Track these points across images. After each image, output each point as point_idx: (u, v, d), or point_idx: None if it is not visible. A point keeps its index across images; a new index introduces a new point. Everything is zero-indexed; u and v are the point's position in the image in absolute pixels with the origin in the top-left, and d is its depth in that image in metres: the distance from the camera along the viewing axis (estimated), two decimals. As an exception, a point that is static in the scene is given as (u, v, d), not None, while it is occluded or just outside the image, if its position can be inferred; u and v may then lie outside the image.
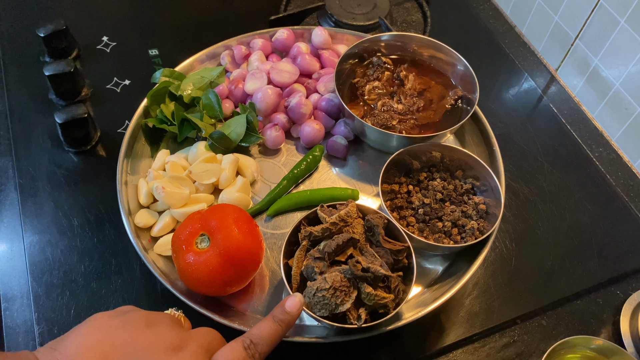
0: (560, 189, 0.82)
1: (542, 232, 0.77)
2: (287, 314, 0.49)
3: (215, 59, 0.89)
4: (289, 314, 0.49)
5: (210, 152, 0.75)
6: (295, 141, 0.82)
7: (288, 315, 0.49)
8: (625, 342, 0.68)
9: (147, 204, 0.72)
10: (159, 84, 0.80)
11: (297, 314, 0.50)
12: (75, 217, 0.75)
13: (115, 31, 0.97)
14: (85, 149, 0.82)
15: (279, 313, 0.49)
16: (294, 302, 0.50)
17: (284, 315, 0.49)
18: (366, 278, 0.58)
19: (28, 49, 0.93)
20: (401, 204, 0.72)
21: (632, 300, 0.71)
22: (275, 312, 0.50)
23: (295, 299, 0.50)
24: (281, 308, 0.50)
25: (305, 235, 0.63)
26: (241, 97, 0.83)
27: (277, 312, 0.49)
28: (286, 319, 0.49)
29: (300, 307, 0.51)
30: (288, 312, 0.49)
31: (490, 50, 1.00)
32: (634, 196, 0.82)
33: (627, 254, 0.76)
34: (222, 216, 0.61)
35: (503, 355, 0.67)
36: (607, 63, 0.86)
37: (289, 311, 0.49)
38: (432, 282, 0.69)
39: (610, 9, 0.83)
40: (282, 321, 0.49)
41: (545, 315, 0.70)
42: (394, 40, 0.84)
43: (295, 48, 0.87)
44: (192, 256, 0.59)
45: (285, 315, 0.49)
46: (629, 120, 0.85)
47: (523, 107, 0.92)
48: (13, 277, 0.70)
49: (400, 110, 0.79)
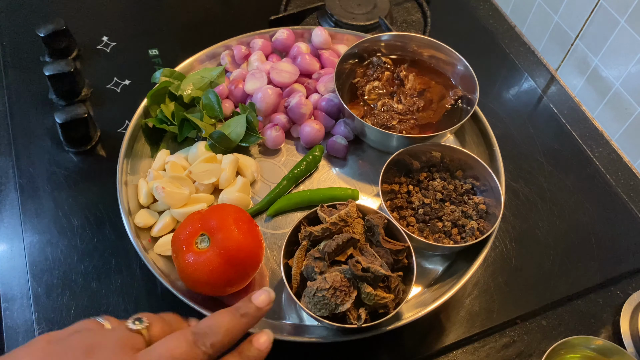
0: (560, 189, 0.82)
1: (542, 232, 0.77)
2: (250, 307, 0.44)
3: (215, 59, 0.89)
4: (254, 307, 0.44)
5: (210, 152, 0.75)
6: (295, 141, 0.82)
7: (252, 308, 0.44)
8: (625, 342, 0.68)
9: (147, 204, 0.72)
10: (159, 84, 0.80)
11: (262, 307, 0.44)
12: (75, 217, 0.75)
13: (115, 31, 0.97)
14: (85, 149, 0.82)
15: (243, 304, 0.44)
16: (263, 296, 0.45)
17: (247, 308, 0.44)
18: (366, 278, 0.58)
19: (28, 49, 0.93)
20: (401, 204, 0.72)
21: (632, 300, 0.71)
22: (238, 303, 0.45)
23: (264, 294, 0.45)
24: (246, 299, 0.45)
25: (305, 235, 0.63)
26: (241, 97, 0.83)
27: (240, 303, 0.44)
28: (250, 312, 0.44)
29: (269, 302, 0.45)
30: (252, 304, 0.44)
31: (490, 50, 1.00)
32: (634, 196, 0.82)
33: (627, 254, 0.76)
34: (222, 216, 0.61)
35: (503, 355, 0.67)
36: (607, 63, 0.86)
37: (254, 304, 0.44)
38: (432, 282, 0.69)
39: (610, 9, 0.83)
40: (245, 314, 0.43)
41: (545, 315, 0.70)
42: (394, 40, 0.84)
43: (295, 48, 0.87)
44: (192, 256, 0.59)
45: (248, 307, 0.44)
46: (629, 120, 0.85)
47: (523, 107, 0.92)
48: (13, 277, 0.70)
49: (400, 110, 0.79)
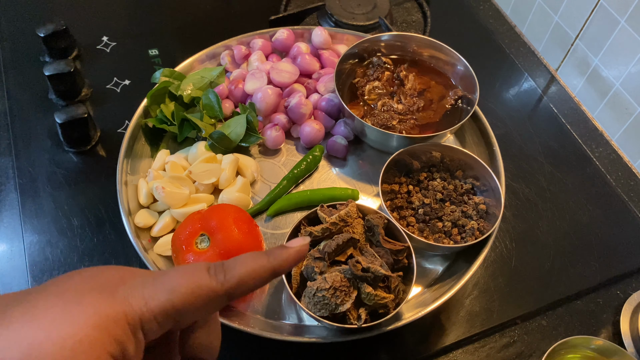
0: (560, 189, 0.82)
1: (542, 232, 0.77)
2: (283, 251, 0.37)
3: (215, 59, 0.89)
4: (286, 251, 0.37)
5: (210, 152, 0.75)
6: (295, 141, 0.82)
7: (284, 252, 0.37)
8: (625, 342, 0.68)
9: (147, 204, 0.72)
10: (159, 84, 0.80)
11: (292, 248, 0.37)
12: (75, 217, 0.75)
13: (115, 31, 0.97)
14: (85, 149, 0.82)
15: (275, 248, 0.37)
16: (297, 241, 0.38)
17: (276, 249, 0.37)
18: (366, 278, 0.58)
19: (28, 49, 0.93)
20: (401, 204, 0.72)
21: (632, 300, 0.71)
22: (271, 248, 0.37)
23: (300, 240, 0.38)
24: (280, 245, 0.38)
25: (305, 236, 0.63)
26: (241, 97, 0.83)
27: (273, 248, 0.37)
28: (280, 255, 0.36)
29: (301, 245, 0.37)
30: (285, 249, 0.37)
31: (490, 50, 1.00)
32: (633, 196, 0.82)
33: (627, 254, 0.76)
34: (222, 216, 0.61)
35: (503, 355, 0.67)
36: (607, 63, 0.86)
37: (288, 246, 0.37)
38: (432, 282, 0.69)
39: (610, 9, 0.83)
40: (273, 257, 0.36)
41: (545, 315, 0.70)
42: (394, 40, 0.84)
43: (295, 48, 0.87)
44: (192, 256, 0.59)
45: (277, 249, 0.37)
46: (629, 120, 0.85)
47: (523, 107, 0.92)
48: (13, 277, 0.70)
49: (400, 110, 0.79)
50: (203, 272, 0.32)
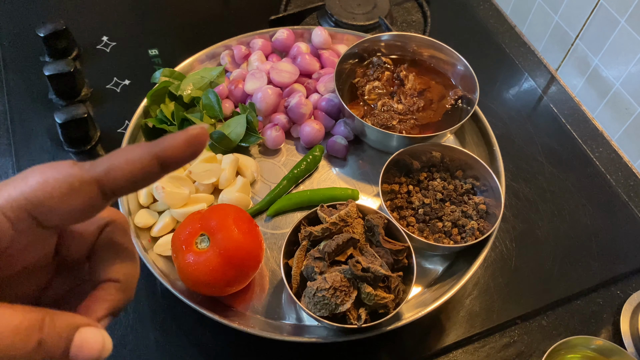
0: (560, 189, 0.82)
1: (542, 232, 0.77)
2: (169, 136, 0.32)
3: (215, 59, 0.89)
4: (172, 136, 0.32)
5: (210, 152, 0.75)
6: (295, 141, 0.82)
7: (170, 136, 0.32)
8: (625, 342, 0.68)
9: (147, 204, 0.72)
10: (159, 84, 0.80)
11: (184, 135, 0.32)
12: (75, 217, 0.75)
13: (115, 31, 0.97)
14: (85, 149, 0.82)
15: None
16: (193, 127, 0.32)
17: (165, 136, 0.32)
18: (366, 278, 0.58)
19: (28, 49, 0.93)
20: (401, 204, 0.72)
21: (632, 300, 0.71)
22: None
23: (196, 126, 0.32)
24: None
25: (305, 235, 0.63)
26: (241, 97, 0.83)
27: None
28: (164, 140, 0.31)
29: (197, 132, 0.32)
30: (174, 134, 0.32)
31: (490, 50, 1.00)
32: (634, 196, 0.82)
33: (627, 254, 0.76)
34: (222, 216, 0.61)
35: (503, 355, 0.67)
36: (607, 63, 0.86)
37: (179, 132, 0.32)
38: (432, 282, 0.69)
39: (610, 9, 0.83)
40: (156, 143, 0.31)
41: (545, 315, 0.70)
42: (394, 40, 0.84)
43: (295, 48, 0.87)
44: (192, 256, 0.59)
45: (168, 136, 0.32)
46: (629, 120, 0.85)
47: (523, 107, 0.92)
48: (13, 277, 0.70)
49: (400, 110, 0.79)
50: (64, 164, 0.30)
